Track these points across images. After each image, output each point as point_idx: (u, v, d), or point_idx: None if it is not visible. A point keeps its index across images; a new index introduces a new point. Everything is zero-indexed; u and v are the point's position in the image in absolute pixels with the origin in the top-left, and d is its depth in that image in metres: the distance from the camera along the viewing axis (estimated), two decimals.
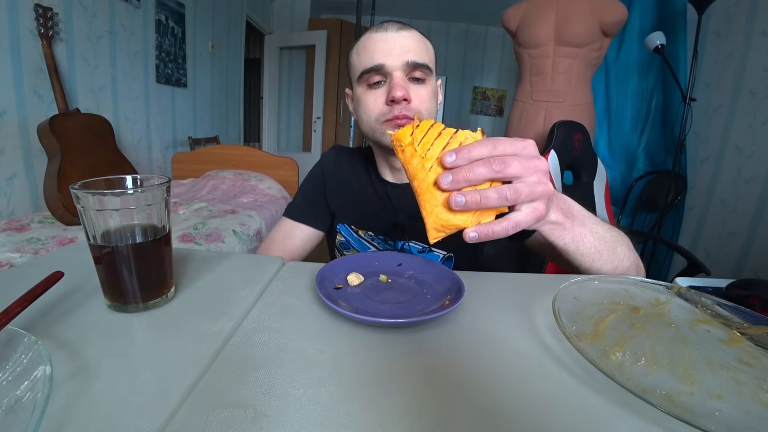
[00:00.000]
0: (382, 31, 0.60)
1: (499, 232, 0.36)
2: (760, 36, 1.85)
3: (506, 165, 0.34)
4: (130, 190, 0.37)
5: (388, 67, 0.59)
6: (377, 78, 0.60)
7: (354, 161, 0.77)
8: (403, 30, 0.60)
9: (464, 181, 0.34)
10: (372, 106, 0.61)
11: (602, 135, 2.36)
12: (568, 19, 1.61)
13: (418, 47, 0.60)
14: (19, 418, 0.22)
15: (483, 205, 0.35)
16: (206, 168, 2.42)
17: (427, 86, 0.61)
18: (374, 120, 0.61)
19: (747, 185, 1.90)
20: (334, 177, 0.75)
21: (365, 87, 0.62)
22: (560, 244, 0.44)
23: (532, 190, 0.35)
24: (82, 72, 1.84)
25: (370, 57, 0.59)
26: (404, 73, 0.59)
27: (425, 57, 0.61)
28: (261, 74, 4.40)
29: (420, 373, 0.30)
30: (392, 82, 0.58)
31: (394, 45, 0.59)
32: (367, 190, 0.73)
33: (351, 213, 0.73)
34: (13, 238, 1.25)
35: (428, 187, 0.36)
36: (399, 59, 0.58)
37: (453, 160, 0.35)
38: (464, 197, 0.34)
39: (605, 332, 0.34)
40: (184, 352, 0.31)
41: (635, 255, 0.51)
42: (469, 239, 0.36)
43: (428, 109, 0.61)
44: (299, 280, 0.46)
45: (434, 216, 0.36)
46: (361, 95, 0.63)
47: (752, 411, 0.26)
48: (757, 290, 0.47)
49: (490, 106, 4.83)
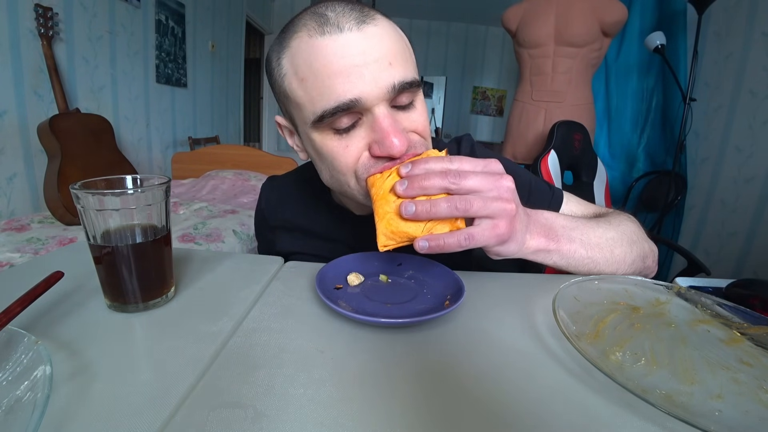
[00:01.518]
0: (334, 32, 0.37)
1: (452, 244, 0.34)
2: (760, 36, 1.85)
3: (462, 177, 0.34)
4: (130, 190, 0.37)
5: (365, 102, 0.37)
6: (348, 121, 0.39)
7: (300, 195, 0.61)
8: (368, 24, 0.38)
9: (419, 188, 0.34)
10: (348, 162, 0.41)
11: (602, 135, 2.36)
12: (568, 19, 1.61)
13: (400, 52, 0.39)
14: (19, 418, 0.22)
15: (433, 213, 0.34)
16: (206, 168, 2.42)
17: (417, 107, 0.42)
18: (353, 178, 0.42)
19: (747, 185, 1.90)
20: (278, 217, 0.62)
21: (329, 132, 0.40)
22: (549, 264, 0.44)
23: (486, 203, 0.34)
24: (82, 72, 1.84)
25: (328, 90, 0.37)
26: (389, 103, 0.39)
27: (411, 65, 0.41)
28: (261, 74, 4.40)
29: (420, 372, 0.30)
30: (378, 126, 0.38)
31: (363, 58, 0.37)
32: (324, 230, 0.59)
33: (308, 260, 0.55)
34: (13, 238, 1.25)
35: (384, 194, 0.36)
36: (378, 84, 0.37)
37: (408, 170, 0.34)
38: (414, 205, 0.34)
39: (605, 332, 0.34)
40: (184, 352, 0.31)
41: (641, 247, 0.49)
42: (419, 248, 0.35)
43: (426, 132, 0.44)
44: (299, 280, 0.46)
45: (385, 221, 0.36)
46: (323, 144, 0.41)
47: (752, 411, 0.26)
48: (757, 290, 0.47)
49: (490, 106, 4.83)
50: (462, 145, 0.59)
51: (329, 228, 0.59)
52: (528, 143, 1.79)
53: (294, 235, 0.62)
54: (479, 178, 0.34)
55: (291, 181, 0.64)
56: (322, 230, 0.60)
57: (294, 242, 0.61)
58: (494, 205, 0.34)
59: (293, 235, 0.62)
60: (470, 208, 0.33)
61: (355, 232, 0.57)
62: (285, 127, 0.49)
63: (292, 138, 0.49)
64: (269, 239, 0.65)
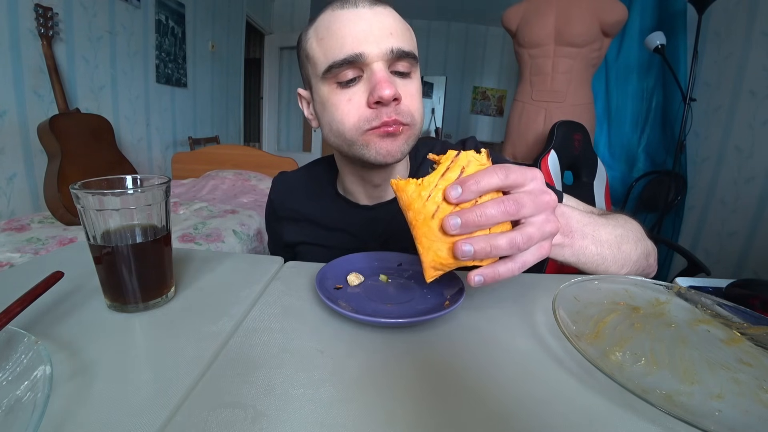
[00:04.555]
0: (350, 7, 0.46)
1: (505, 274, 0.32)
2: (760, 36, 1.85)
3: (521, 206, 0.31)
4: (130, 190, 0.37)
5: (367, 57, 0.45)
6: (351, 74, 0.47)
7: (308, 186, 0.66)
8: (378, 5, 0.47)
9: (474, 227, 0.30)
10: (348, 111, 0.47)
11: (602, 135, 2.36)
12: (568, 19, 1.61)
13: (401, 29, 0.48)
14: (19, 418, 0.22)
15: (493, 255, 0.31)
16: (206, 168, 2.42)
17: (414, 81, 0.50)
18: (352, 129, 0.48)
19: (747, 185, 1.90)
20: (287, 207, 0.66)
21: (334, 86, 0.48)
22: (560, 260, 0.43)
23: (542, 233, 0.32)
24: (82, 72, 1.84)
25: (340, 44, 0.45)
26: (386, 64, 0.47)
27: (410, 43, 0.49)
28: (261, 74, 4.40)
29: (420, 373, 0.30)
30: (374, 77, 0.45)
31: (370, 26, 0.46)
32: (329, 220, 0.63)
33: (312, 250, 0.64)
34: (13, 238, 1.25)
35: (425, 220, 0.32)
36: (380, 46, 0.45)
37: (459, 195, 0.30)
38: (472, 247, 0.30)
39: (605, 332, 0.34)
40: (184, 352, 0.31)
41: (644, 245, 0.50)
42: (475, 284, 0.32)
43: (419, 110, 0.50)
44: (299, 280, 0.46)
45: (433, 253, 0.32)
46: (328, 96, 0.49)
47: (752, 411, 0.26)
48: (757, 290, 0.47)
49: (490, 106, 4.83)
50: (466, 147, 0.60)
51: (335, 218, 0.62)
52: (528, 143, 1.79)
53: (301, 225, 0.65)
54: (533, 202, 0.32)
55: (299, 174, 0.69)
56: (328, 220, 0.63)
57: (301, 232, 0.65)
58: (548, 231, 0.33)
59: (300, 225, 0.65)
60: (531, 244, 0.32)
61: (360, 221, 0.60)
62: (303, 98, 0.56)
63: (308, 108, 0.57)
64: (278, 230, 0.68)
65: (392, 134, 0.47)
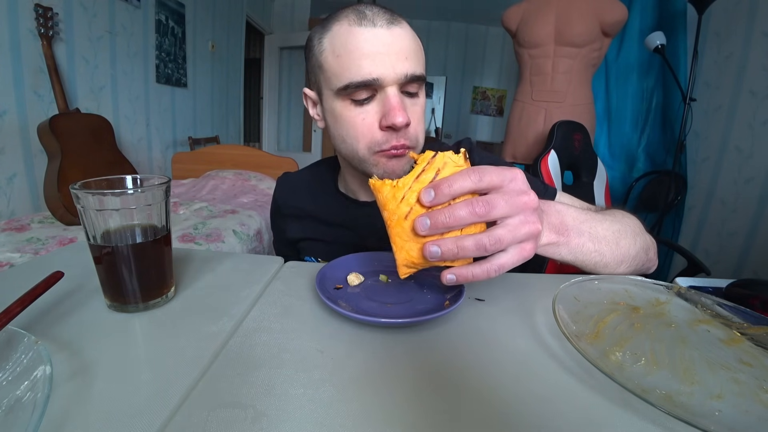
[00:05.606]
0: (368, 26, 0.47)
1: (480, 275, 0.33)
2: (760, 36, 1.85)
3: (492, 207, 0.31)
4: (130, 190, 0.37)
5: (383, 82, 0.47)
6: (365, 94, 0.48)
7: (310, 185, 0.69)
8: (395, 25, 0.48)
9: (444, 228, 0.31)
10: (362, 132, 0.50)
11: (602, 135, 2.36)
12: (568, 19, 1.61)
13: (415, 51, 0.50)
14: (19, 418, 0.22)
15: (460, 256, 0.32)
16: (206, 168, 2.42)
17: (420, 99, 0.52)
18: (364, 149, 0.50)
19: (747, 185, 1.90)
20: (290, 205, 0.69)
21: (348, 102, 0.49)
22: (557, 259, 0.43)
23: (515, 235, 0.32)
24: (82, 72, 1.84)
25: (357, 66, 0.47)
26: (399, 87, 0.48)
27: (422, 64, 0.51)
28: (261, 74, 4.39)
29: (420, 373, 0.30)
30: (388, 102, 0.47)
31: (388, 49, 0.47)
32: (330, 216, 0.65)
33: (314, 245, 0.67)
34: (13, 238, 1.25)
35: (399, 221, 0.33)
36: (396, 71, 0.47)
37: (431, 199, 0.31)
38: (440, 248, 0.32)
39: (605, 332, 0.34)
40: (184, 352, 0.31)
41: (643, 239, 0.50)
42: (447, 282, 0.34)
43: (423, 132, 0.53)
44: (299, 280, 0.46)
45: (405, 252, 0.34)
46: (341, 111, 0.50)
47: (752, 411, 0.26)
48: (757, 290, 0.47)
49: (490, 106, 4.83)
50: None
51: (336, 214, 0.65)
52: (528, 143, 1.79)
53: (304, 222, 0.68)
54: (507, 203, 0.32)
55: (302, 174, 0.72)
56: (329, 216, 0.65)
57: (304, 229, 0.68)
58: (523, 233, 0.32)
59: (303, 222, 0.68)
60: (500, 247, 0.32)
61: (361, 217, 0.62)
62: (310, 98, 0.57)
63: (314, 108, 0.58)
64: (282, 228, 0.71)
65: (399, 156, 0.50)
